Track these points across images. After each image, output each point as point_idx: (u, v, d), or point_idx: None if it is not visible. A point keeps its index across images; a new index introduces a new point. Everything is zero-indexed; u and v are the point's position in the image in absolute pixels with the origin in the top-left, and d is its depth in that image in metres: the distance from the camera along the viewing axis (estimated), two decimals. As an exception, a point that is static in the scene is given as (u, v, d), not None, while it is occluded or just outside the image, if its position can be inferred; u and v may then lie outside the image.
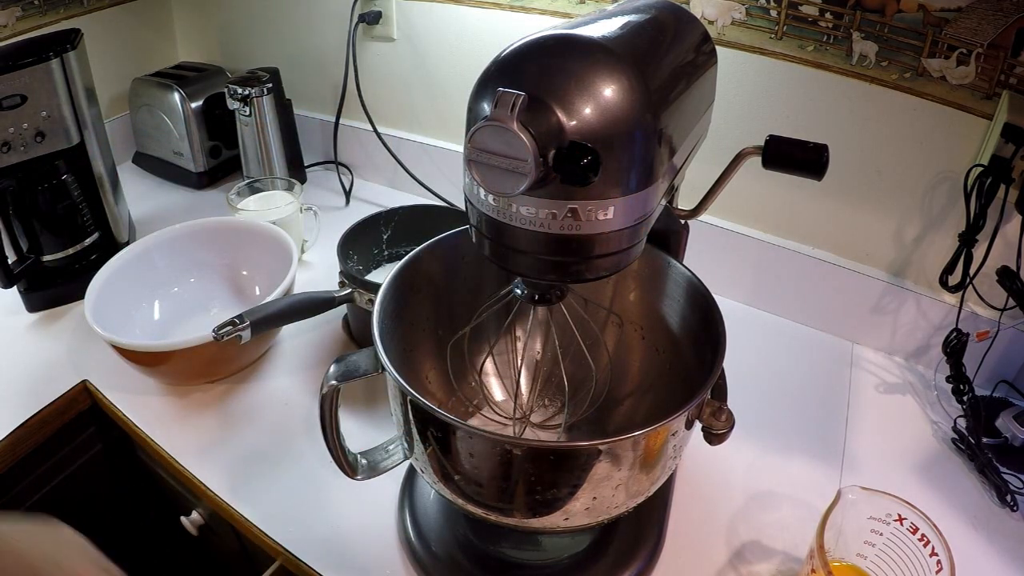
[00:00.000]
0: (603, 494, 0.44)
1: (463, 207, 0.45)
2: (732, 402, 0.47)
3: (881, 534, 0.52)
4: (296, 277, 0.78)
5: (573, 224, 0.37)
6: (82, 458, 0.83)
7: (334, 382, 0.46)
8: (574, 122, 0.34)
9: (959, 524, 0.62)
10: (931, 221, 0.76)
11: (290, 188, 0.97)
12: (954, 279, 0.73)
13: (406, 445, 0.50)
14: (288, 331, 0.83)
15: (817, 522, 0.50)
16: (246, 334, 0.64)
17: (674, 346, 0.58)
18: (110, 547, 0.46)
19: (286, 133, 1.09)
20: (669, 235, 0.57)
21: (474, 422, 0.65)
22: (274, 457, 0.67)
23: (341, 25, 1.04)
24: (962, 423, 0.72)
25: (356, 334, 0.83)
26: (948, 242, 0.75)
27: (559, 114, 0.34)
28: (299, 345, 0.83)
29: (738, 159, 0.50)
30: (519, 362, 0.67)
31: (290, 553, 0.59)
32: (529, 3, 0.89)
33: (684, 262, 0.57)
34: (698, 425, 0.46)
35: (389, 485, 0.63)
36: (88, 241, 0.90)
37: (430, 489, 0.62)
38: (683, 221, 0.57)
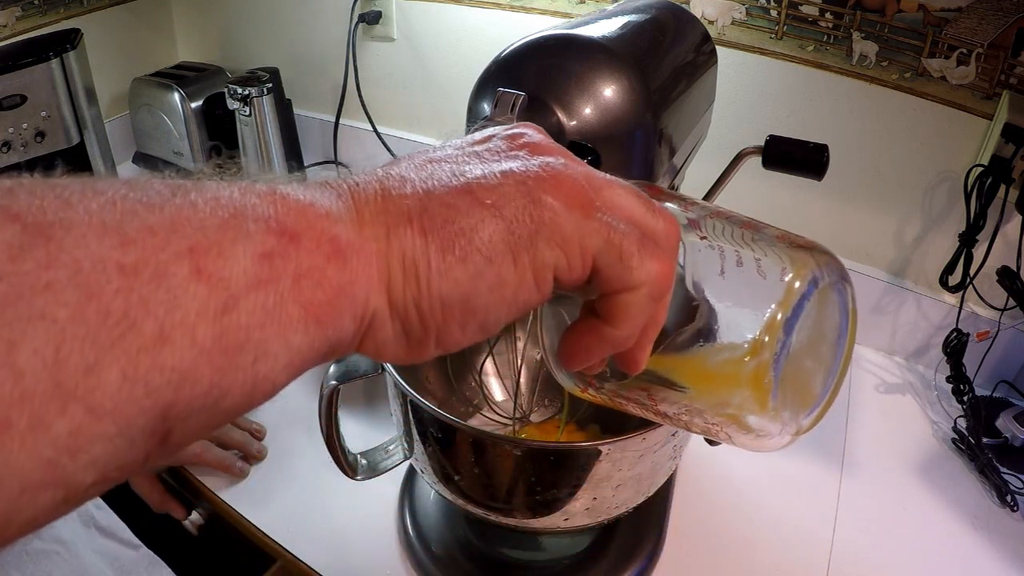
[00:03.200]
0: (603, 494, 0.44)
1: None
2: (732, 402, 0.47)
3: None
4: (296, 277, 0.78)
5: (573, 224, 0.37)
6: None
7: (334, 382, 0.46)
8: (574, 122, 0.34)
9: (959, 524, 0.62)
10: (931, 221, 0.76)
11: (290, 188, 0.97)
12: (954, 279, 0.73)
13: (406, 445, 0.50)
14: (288, 331, 0.83)
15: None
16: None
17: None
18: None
19: (286, 133, 1.09)
20: (669, 235, 0.57)
21: (474, 422, 0.65)
22: (274, 457, 0.67)
23: (341, 25, 1.04)
24: (962, 423, 0.72)
25: (356, 334, 0.83)
26: (948, 242, 0.75)
27: (559, 114, 0.34)
28: (299, 345, 0.82)
29: (738, 159, 0.50)
30: (519, 362, 0.67)
31: (290, 553, 0.58)
32: (529, 3, 0.89)
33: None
34: (698, 425, 0.46)
35: (389, 485, 0.63)
36: (88, 241, 0.90)
37: (430, 489, 0.62)
38: (683, 221, 0.57)
